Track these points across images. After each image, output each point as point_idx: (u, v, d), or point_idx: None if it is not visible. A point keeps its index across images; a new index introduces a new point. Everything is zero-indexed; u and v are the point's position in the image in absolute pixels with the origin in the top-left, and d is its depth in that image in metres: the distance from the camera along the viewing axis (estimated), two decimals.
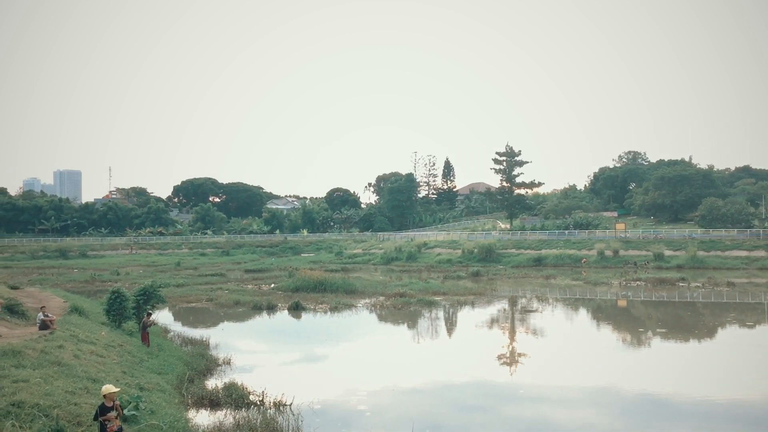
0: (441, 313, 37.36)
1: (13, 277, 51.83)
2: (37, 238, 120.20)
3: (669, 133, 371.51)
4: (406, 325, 33.99)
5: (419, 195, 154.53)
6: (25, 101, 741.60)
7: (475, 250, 79.03)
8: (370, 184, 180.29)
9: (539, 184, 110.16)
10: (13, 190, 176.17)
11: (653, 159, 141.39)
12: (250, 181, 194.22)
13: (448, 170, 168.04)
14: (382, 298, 41.70)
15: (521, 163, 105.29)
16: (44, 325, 21.35)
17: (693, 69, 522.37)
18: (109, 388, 10.31)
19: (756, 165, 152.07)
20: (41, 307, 23.70)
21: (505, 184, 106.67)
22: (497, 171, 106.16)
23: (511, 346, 28.21)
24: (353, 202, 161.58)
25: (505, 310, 39.55)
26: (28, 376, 13.25)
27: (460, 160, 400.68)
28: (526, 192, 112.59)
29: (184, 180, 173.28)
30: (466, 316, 36.61)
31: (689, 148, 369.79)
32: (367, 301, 41.13)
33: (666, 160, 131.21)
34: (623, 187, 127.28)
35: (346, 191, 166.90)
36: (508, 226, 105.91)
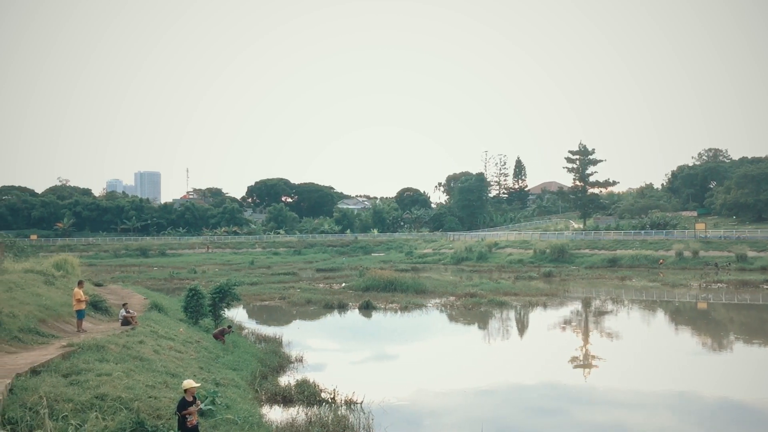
0: (512, 314, 36.93)
1: (97, 275, 54.00)
2: (119, 237, 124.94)
3: (753, 129, 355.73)
4: (476, 325, 33.77)
5: (490, 194, 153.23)
6: (109, 107, 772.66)
7: (547, 251, 77.74)
8: (440, 184, 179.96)
9: (614, 183, 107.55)
10: (97, 191, 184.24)
11: (736, 156, 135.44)
12: (321, 181, 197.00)
13: (519, 169, 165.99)
14: (452, 298, 41.54)
15: (595, 162, 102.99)
16: (126, 321, 22.21)
17: None
18: (190, 383, 10.64)
19: None
20: (123, 304, 24.64)
21: (578, 183, 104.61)
22: (570, 170, 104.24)
23: (584, 349, 27.64)
24: (423, 201, 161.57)
25: (578, 311, 38.76)
26: (111, 370, 13.77)
27: (532, 160, 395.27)
28: (600, 191, 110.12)
29: (258, 180, 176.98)
30: (538, 317, 36.05)
31: None
32: (437, 301, 41.05)
33: (750, 157, 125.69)
34: (703, 185, 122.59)
35: (417, 191, 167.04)
36: (581, 225, 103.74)
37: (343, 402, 17.04)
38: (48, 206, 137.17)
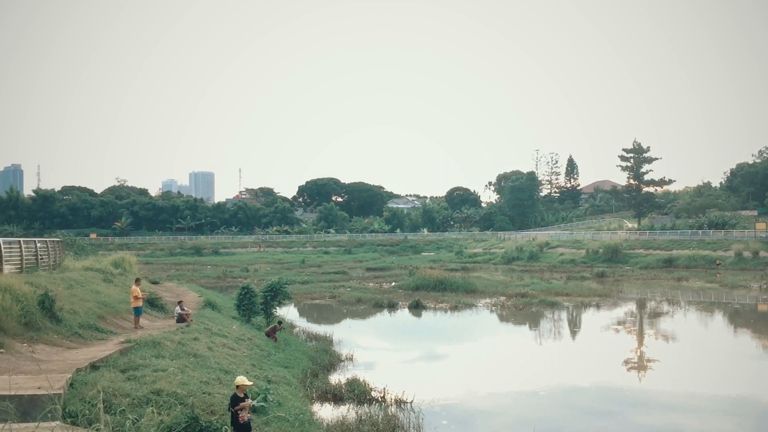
0: (564, 315, 36.39)
1: (153, 273, 55.29)
2: (174, 236, 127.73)
3: None
4: (527, 325, 33.40)
5: (541, 193, 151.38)
6: (163, 108, 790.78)
7: (600, 250, 76.39)
8: (490, 183, 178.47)
9: (669, 182, 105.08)
10: (154, 191, 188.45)
11: None
12: (371, 180, 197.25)
13: (571, 168, 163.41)
14: (502, 298, 41.19)
15: (650, 160, 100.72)
16: (181, 318, 22.69)
17: None
18: (242, 379, 10.84)
19: None
20: (179, 302, 25.17)
21: (632, 181, 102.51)
22: (624, 168, 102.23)
23: (638, 351, 27.08)
24: (473, 201, 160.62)
25: (632, 312, 37.97)
26: (166, 366, 14.08)
27: (584, 158, 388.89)
28: (655, 190, 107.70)
29: (308, 180, 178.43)
30: (591, 318, 35.45)
31: None
32: (488, 300, 40.76)
33: None
34: (764, 183, 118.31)
35: (467, 190, 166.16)
36: (635, 225, 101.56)
37: (393, 401, 17.06)
38: (107, 206, 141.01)
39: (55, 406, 8.72)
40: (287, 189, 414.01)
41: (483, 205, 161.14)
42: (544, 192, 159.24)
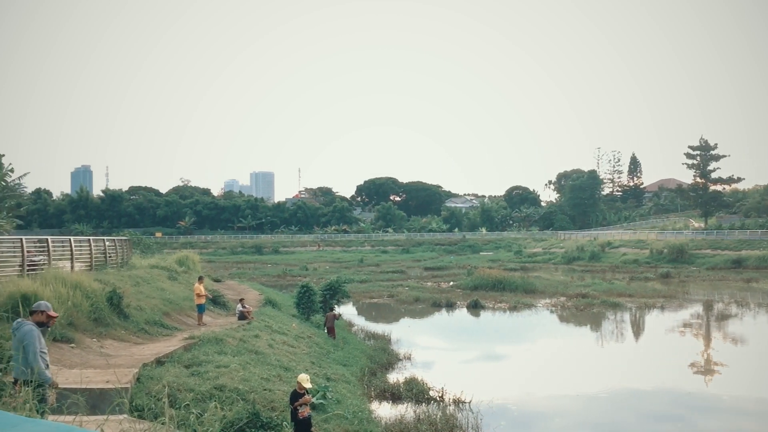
0: (627, 316, 35.54)
1: (215, 271, 56.54)
2: (236, 234, 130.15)
3: None
4: (588, 327, 32.79)
5: (603, 192, 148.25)
6: (225, 110, 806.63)
7: (665, 251, 74.32)
8: (550, 182, 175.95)
9: (738, 180, 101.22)
10: (216, 190, 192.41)
11: None
12: (429, 179, 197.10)
13: (634, 166, 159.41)
14: (563, 299, 40.55)
15: (717, 158, 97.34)
16: (242, 316, 23.13)
17: None
18: (305, 378, 11.02)
19: None
20: (240, 299, 25.67)
21: (698, 180, 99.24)
22: (690, 166, 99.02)
23: (705, 354, 26.24)
24: (533, 200, 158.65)
25: (698, 314, 36.83)
26: (228, 362, 14.38)
27: (648, 156, 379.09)
28: (723, 188, 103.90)
29: (367, 180, 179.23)
30: (655, 320, 34.51)
31: None
32: (548, 301, 40.19)
33: None
34: None
35: (526, 189, 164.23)
36: (702, 224, 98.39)
37: (451, 401, 17.01)
38: (171, 205, 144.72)
39: (123, 399, 8.99)
40: (346, 188, 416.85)
41: (542, 204, 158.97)
42: (606, 191, 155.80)
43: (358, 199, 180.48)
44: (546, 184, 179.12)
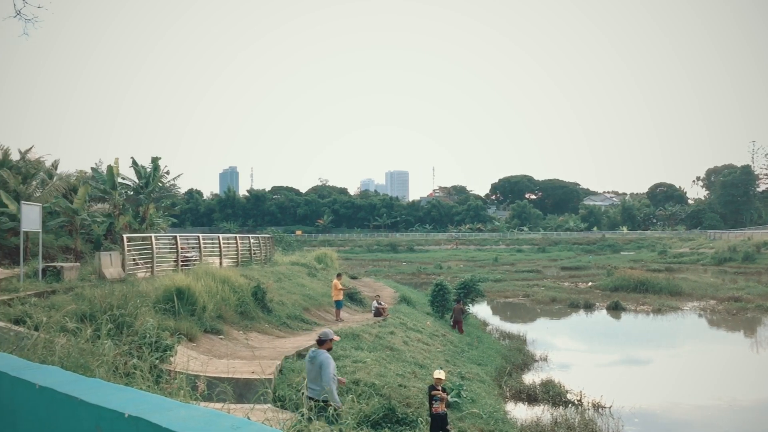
0: None
1: (352, 268, 57.99)
2: (371, 233, 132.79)
3: None
4: (741, 333, 30.60)
5: (758, 189, 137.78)
6: (362, 111, 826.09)
7: None
8: (698, 178, 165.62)
9: None
10: (353, 190, 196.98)
11: None
12: (566, 177, 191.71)
13: None
14: (712, 302, 38.08)
15: None
16: (378, 312, 23.57)
17: None
18: (440, 373, 11.13)
19: None
20: (376, 296, 26.20)
21: None
22: None
23: None
24: (678, 197, 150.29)
25: None
26: (364, 357, 14.72)
27: None
28: None
29: (501, 178, 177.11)
30: None
31: None
32: (695, 304, 37.90)
33: None
34: None
35: (671, 186, 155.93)
36: None
37: (590, 405, 16.50)
38: (310, 204, 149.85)
39: (267, 390, 9.45)
40: (480, 187, 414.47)
41: (689, 201, 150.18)
42: (762, 187, 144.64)
43: (493, 197, 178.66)
44: (693, 181, 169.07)
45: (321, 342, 9.76)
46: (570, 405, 16.51)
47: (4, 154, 30.69)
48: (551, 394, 17.12)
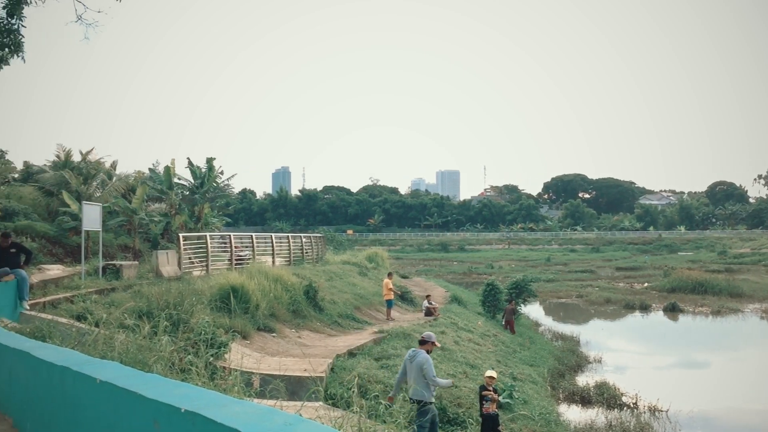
0: None
1: (402, 268, 58.02)
2: (422, 232, 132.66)
3: None
4: None
5: None
6: (412, 110, 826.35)
7: None
8: (760, 176, 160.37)
9: None
10: (403, 189, 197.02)
11: None
12: (622, 175, 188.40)
13: None
14: None
15: None
16: (429, 312, 23.53)
17: None
18: (492, 373, 11.08)
19: None
20: (427, 296, 26.15)
21: None
22: None
23: None
24: (739, 196, 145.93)
25: None
26: None
27: None
28: None
29: (554, 176, 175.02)
30: None
31: None
32: (757, 306, 36.73)
33: None
34: None
35: (731, 184, 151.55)
36: None
37: (646, 408, 16.16)
38: (361, 204, 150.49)
39: (318, 388, 9.52)
40: (532, 186, 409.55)
41: (751, 200, 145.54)
42: None
43: (545, 196, 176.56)
44: (755, 179, 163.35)
45: (422, 342, 10.10)
46: (625, 408, 16.21)
47: (66, 155, 31.76)
48: (605, 396, 16.83)
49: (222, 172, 36.08)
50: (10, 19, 10.47)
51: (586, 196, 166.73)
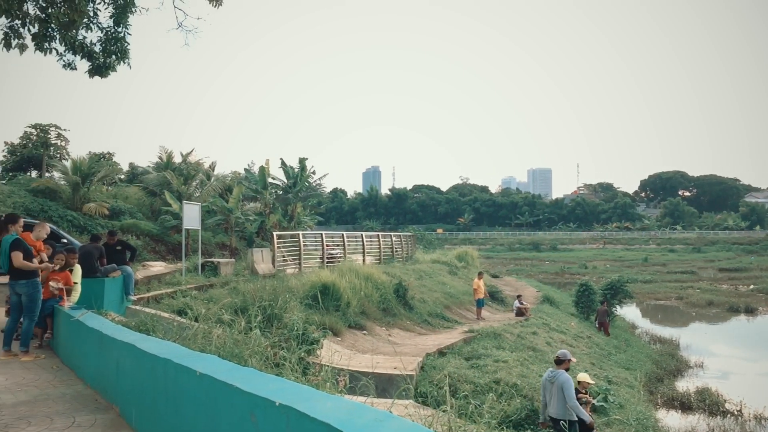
0: None
1: (493, 267, 57.41)
2: (513, 231, 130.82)
3: None
4: None
5: None
6: (502, 107, 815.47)
7: None
8: None
9: None
10: (493, 188, 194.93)
11: None
12: (725, 172, 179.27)
13: None
14: None
15: None
16: (520, 312, 23.23)
17: None
18: (585, 376, 10.82)
19: None
20: (518, 296, 25.81)
21: None
22: None
23: None
24: None
25: None
26: (506, 357, 14.55)
27: None
28: None
29: (651, 174, 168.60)
30: None
31: None
32: None
33: None
34: None
35: None
36: None
37: (751, 416, 15.37)
38: (451, 203, 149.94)
39: (409, 386, 9.58)
40: (628, 184, 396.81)
41: None
42: None
43: (642, 194, 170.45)
44: None
45: (559, 362, 10.05)
46: (729, 415, 15.49)
47: (168, 157, 33.22)
48: (707, 402, 16.14)
49: (314, 172, 36.79)
50: (116, 28, 11.01)
51: (687, 194, 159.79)
